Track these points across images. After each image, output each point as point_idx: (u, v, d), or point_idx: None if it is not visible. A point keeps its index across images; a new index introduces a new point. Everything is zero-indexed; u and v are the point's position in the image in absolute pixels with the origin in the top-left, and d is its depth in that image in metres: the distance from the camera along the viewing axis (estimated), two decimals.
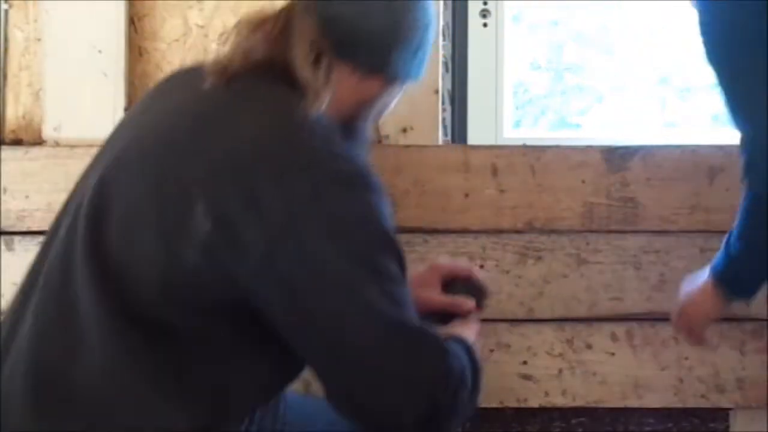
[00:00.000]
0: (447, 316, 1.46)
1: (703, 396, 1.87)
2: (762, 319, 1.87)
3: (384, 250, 1.25)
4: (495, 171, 1.89)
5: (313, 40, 1.32)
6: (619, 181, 1.88)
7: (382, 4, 1.36)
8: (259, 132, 1.24)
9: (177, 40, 1.97)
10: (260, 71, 1.31)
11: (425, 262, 1.86)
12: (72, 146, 1.89)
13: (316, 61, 1.31)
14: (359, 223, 1.24)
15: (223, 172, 1.22)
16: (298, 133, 1.25)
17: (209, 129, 1.26)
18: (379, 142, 1.92)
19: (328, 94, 1.30)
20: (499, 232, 1.89)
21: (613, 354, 1.88)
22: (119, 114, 1.92)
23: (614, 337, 1.88)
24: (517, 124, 2.21)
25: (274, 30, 1.33)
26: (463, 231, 1.88)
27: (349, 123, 1.38)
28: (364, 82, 1.37)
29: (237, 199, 1.20)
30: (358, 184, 1.25)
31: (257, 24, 1.34)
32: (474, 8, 2.10)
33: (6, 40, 1.96)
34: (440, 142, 1.95)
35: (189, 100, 1.33)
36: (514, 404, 1.88)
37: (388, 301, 1.22)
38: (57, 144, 1.90)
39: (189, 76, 1.39)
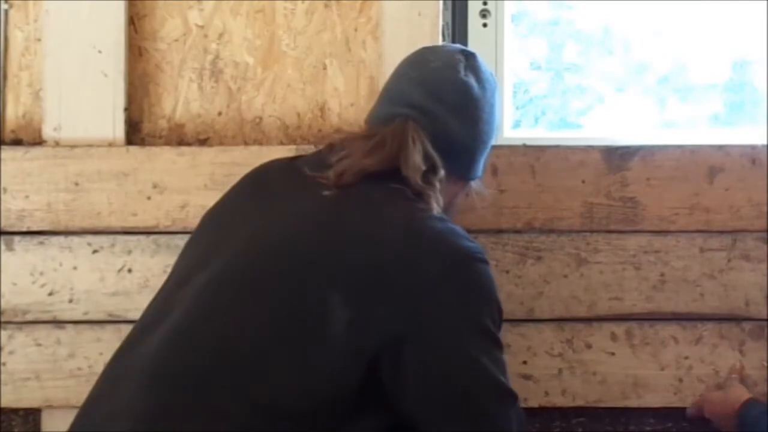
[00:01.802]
0: None
1: (702, 396, 1.87)
2: (762, 319, 1.87)
3: (497, 320, 1.41)
4: (495, 171, 1.89)
5: (426, 153, 1.47)
6: (619, 181, 1.89)
7: (476, 116, 1.54)
8: (388, 230, 1.38)
9: (177, 40, 1.97)
10: (370, 177, 1.43)
11: None
12: (72, 146, 1.89)
13: (429, 171, 1.46)
14: (481, 296, 1.39)
15: (359, 267, 1.33)
16: (421, 227, 1.39)
17: (338, 232, 1.38)
18: None
19: (441, 198, 1.45)
20: (498, 232, 1.89)
21: (612, 354, 1.88)
22: (119, 114, 1.92)
23: (614, 337, 1.88)
24: (517, 124, 2.21)
25: (392, 150, 1.46)
26: None
27: None
28: (452, 185, 1.54)
29: (373, 289, 1.32)
30: (477, 260, 1.40)
31: (373, 147, 1.47)
32: (474, 8, 2.10)
33: (6, 40, 1.96)
34: None
35: (312, 207, 1.42)
36: None
37: (499, 370, 1.37)
38: (57, 144, 1.90)
39: (296, 173, 1.49)
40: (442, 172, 1.47)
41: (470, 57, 1.58)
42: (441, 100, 1.51)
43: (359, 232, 1.37)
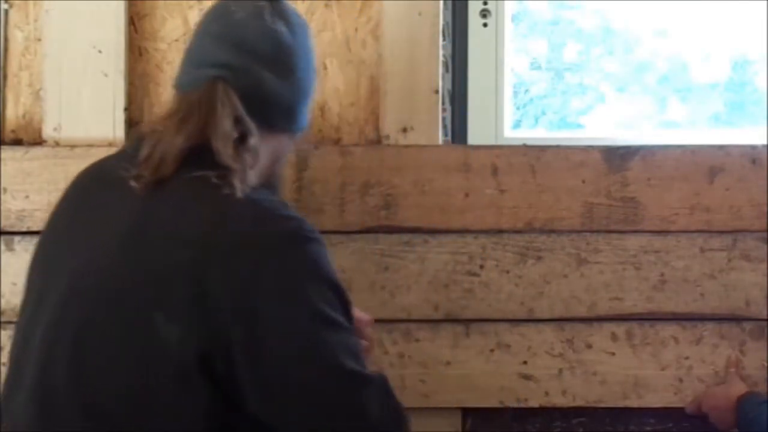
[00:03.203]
0: None
1: (703, 391, 1.87)
2: (762, 319, 1.87)
3: (334, 301, 1.31)
4: (495, 171, 1.89)
5: (237, 117, 1.36)
6: (620, 181, 1.88)
7: (291, 65, 1.43)
8: (194, 231, 1.28)
9: (177, 40, 1.97)
10: (184, 160, 1.34)
11: (425, 262, 1.87)
12: (72, 146, 1.89)
13: (240, 140, 1.35)
14: (308, 278, 1.29)
15: (171, 278, 1.26)
16: (227, 218, 1.29)
17: (149, 243, 1.29)
18: (379, 142, 1.92)
19: (254, 168, 1.35)
20: (499, 232, 1.89)
21: (613, 354, 1.88)
22: (119, 114, 1.92)
23: (614, 337, 1.88)
24: (517, 124, 2.21)
25: (201, 119, 1.36)
26: (463, 231, 1.88)
27: (267, 180, 1.43)
28: (275, 140, 1.44)
29: (191, 297, 1.25)
30: (299, 240, 1.31)
31: (182, 120, 1.36)
32: (474, 8, 2.10)
33: (6, 40, 1.96)
34: (440, 142, 1.95)
35: (124, 220, 1.33)
36: (514, 404, 1.88)
37: (342, 354, 1.29)
38: (57, 144, 1.90)
39: (111, 178, 1.39)
40: (253, 140, 1.36)
41: (275, 1, 1.46)
42: (250, 53, 1.40)
43: (167, 239, 1.29)
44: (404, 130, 1.91)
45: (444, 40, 2.01)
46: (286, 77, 1.43)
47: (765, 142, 1.92)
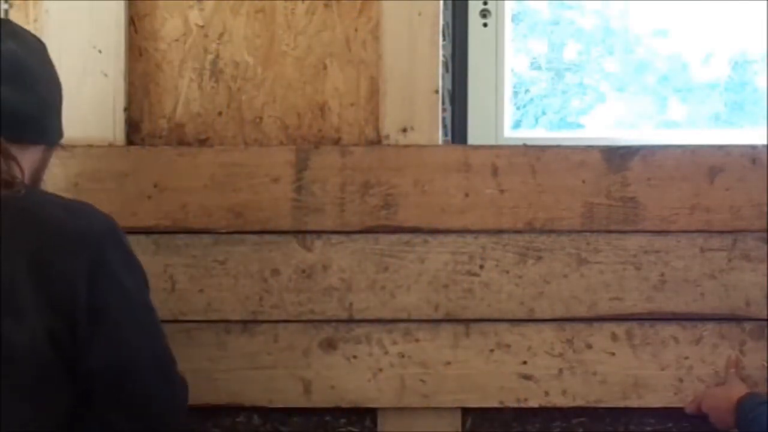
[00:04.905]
0: None
1: (703, 391, 1.87)
2: (762, 319, 1.87)
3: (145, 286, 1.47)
4: (495, 171, 1.89)
5: None
6: (620, 181, 1.89)
7: (31, 81, 1.48)
8: (28, 236, 1.36)
9: (177, 40, 1.97)
10: None
11: (425, 262, 1.87)
12: (72, 146, 1.88)
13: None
14: (135, 268, 1.46)
15: (14, 284, 1.33)
16: (52, 217, 1.39)
17: None
18: (379, 142, 1.92)
19: (24, 173, 1.43)
20: (499, 232, 1.89)
21: (613, 354, 1.88)
22: (119, 114, 1.92)
23: (614, 337, 1.88)
24: (517, 124, 2.21)
25: None
26: (463, 231, 1.88)
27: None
28: (27, 152, 1.48)
29: (35, 296, 1.32)
30: (120, 233, 1.46)
31: None
32: (474, 8, 2.10)
33: None
34: (440, 142, 1.95)
35: None
36: (514, 404, 1.88)
37: (162, 332, 1.47)
38: None
39: None
40: (4, 151, 1.41)
41: (4, 23, 1.53)
42: None
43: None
44: (404, 130, 1.91)
45: (444, 40, 2.01)
46: (26, 92, 1.47)
47: (765, 142, 1.92)
